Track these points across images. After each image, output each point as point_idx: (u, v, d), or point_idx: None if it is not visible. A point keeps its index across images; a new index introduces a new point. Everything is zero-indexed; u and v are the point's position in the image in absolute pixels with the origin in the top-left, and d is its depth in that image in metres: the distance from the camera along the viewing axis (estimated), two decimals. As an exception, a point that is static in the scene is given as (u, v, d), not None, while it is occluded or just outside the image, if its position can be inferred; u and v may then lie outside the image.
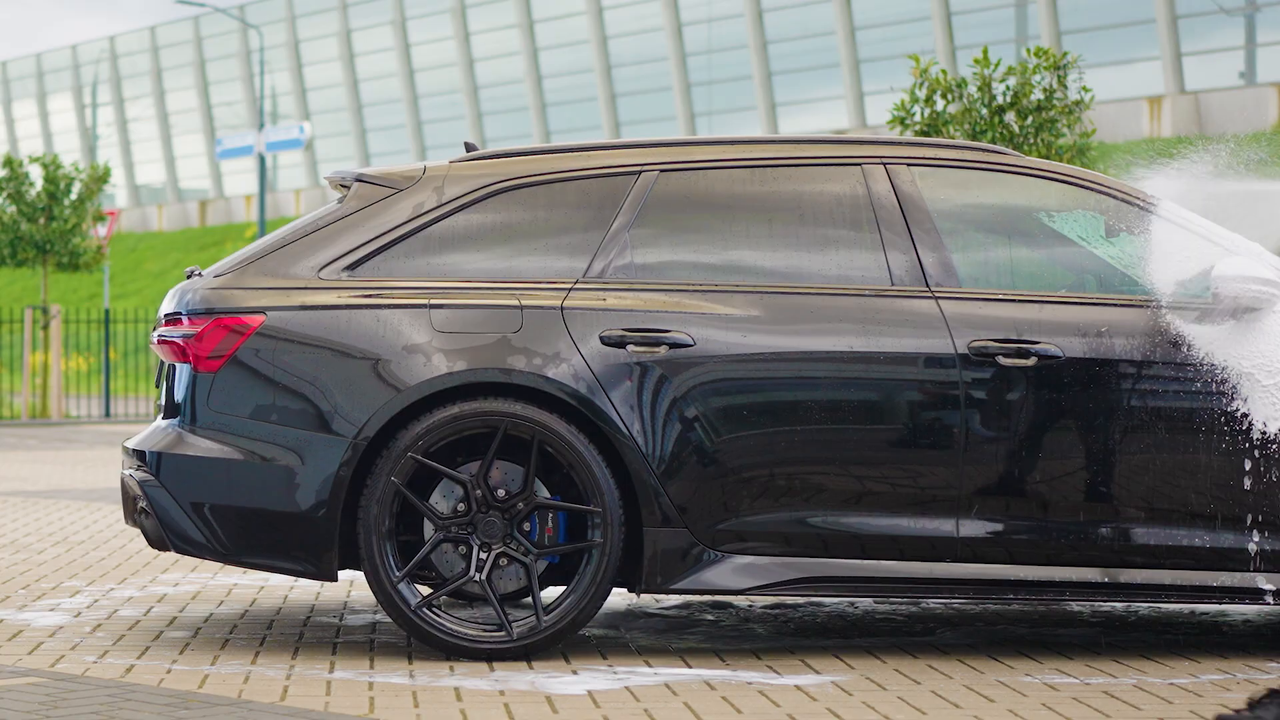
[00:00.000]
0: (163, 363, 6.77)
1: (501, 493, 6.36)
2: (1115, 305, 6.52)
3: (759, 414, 6.35)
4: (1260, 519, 6.43)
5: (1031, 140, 18.40)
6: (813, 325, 6.41)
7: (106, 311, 31.59)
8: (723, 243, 6.55)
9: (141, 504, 6.50)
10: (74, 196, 29.89)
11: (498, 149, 6.84)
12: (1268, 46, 40.63)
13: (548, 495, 6.42)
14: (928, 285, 6.48)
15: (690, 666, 6.25)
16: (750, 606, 7.68)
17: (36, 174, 30.23)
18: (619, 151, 6.72)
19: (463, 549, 6.37)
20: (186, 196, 64.89)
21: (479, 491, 6.33)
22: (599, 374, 6.32)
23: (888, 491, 6.38)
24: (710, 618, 7.41)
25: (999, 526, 6.39)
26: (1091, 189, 6.71)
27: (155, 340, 6.63)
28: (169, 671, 6.09)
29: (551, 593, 7.22)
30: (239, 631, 6.96)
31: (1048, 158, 16.90)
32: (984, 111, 18.68)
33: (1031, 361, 6.40)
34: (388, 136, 58.34)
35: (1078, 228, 6.74)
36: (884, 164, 6.66)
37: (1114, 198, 6.69)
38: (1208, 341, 6.46)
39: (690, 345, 6.36)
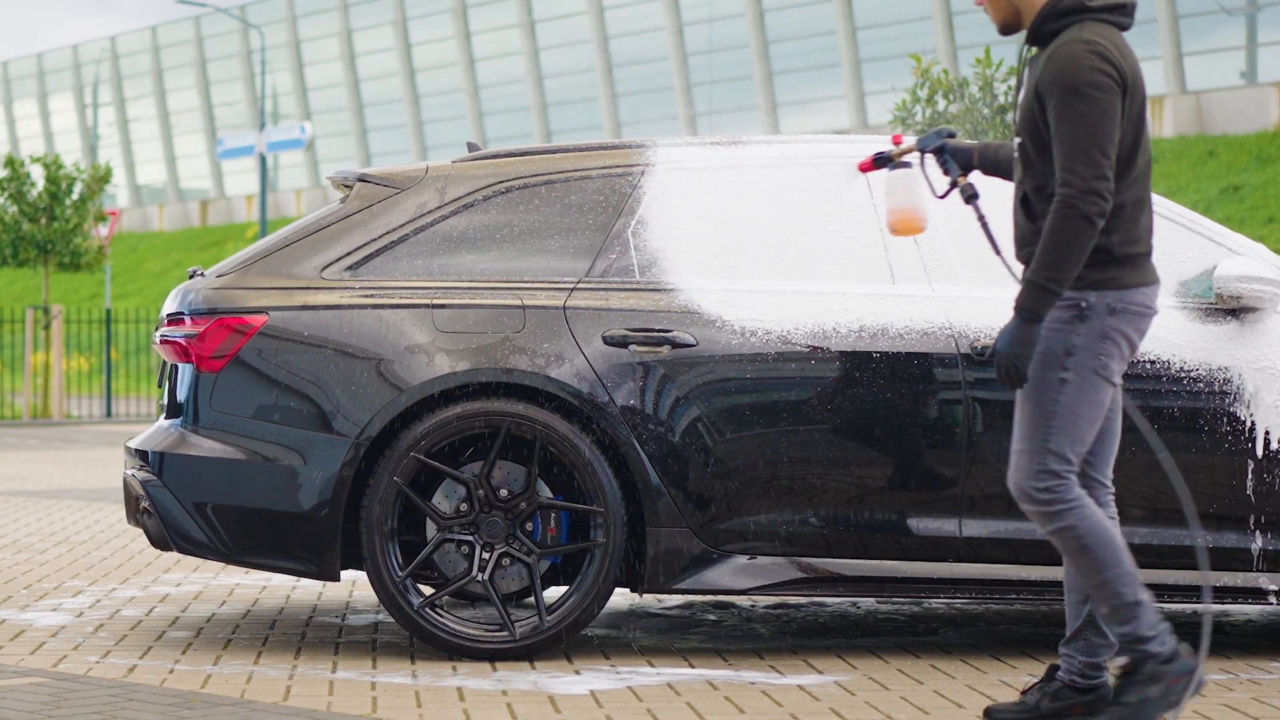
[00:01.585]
0: (165, 363, 6.77)
1: (504, 492, 6.36)
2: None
3: (761, 414, 6.35)
4: (1263, 520, 6.43)
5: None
6: (815, 325, 6.40)
7: (108, 311, 31.59)
8: (725, 243, 6.54)
9: (144, 504, 6.50)
10: (75, 196, 29.89)
11: (500, 149, 6.84)
12: (1269, 46, 40.63)
13: (550, 495, 6.42)
14: (930, 285, 6.48)
15: (693, 666, 6.25)
16: (753, 606, 7.68)
17: (38, 174, 30.25)
18: (621, 151, 6.72)
19: (465, 549, 6.37)
20: (187, 196, 64.91)
21: (481, 491, 6.33)
22: (601, 374, 6.32)
23: (890, 491, 6.37)
24: (713, 618, 7.41)
25: (1001, 526, 6.39)
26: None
27: (158, 340, 6.63)
28: (171, 671, 6.09)
29: (554, 593, 7.22)
30: (241, 631, 6.96)
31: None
32: (985, 111, 18.69)
33: (1034, 361, 6.39)
34: (389, 136, 58.35)
35: None
36: (886, 164, 6.65)
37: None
38: (1211, 342, 6.46)
39: (693, 345, 6.36)
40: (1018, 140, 5.09)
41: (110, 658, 6.36)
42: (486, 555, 6.35)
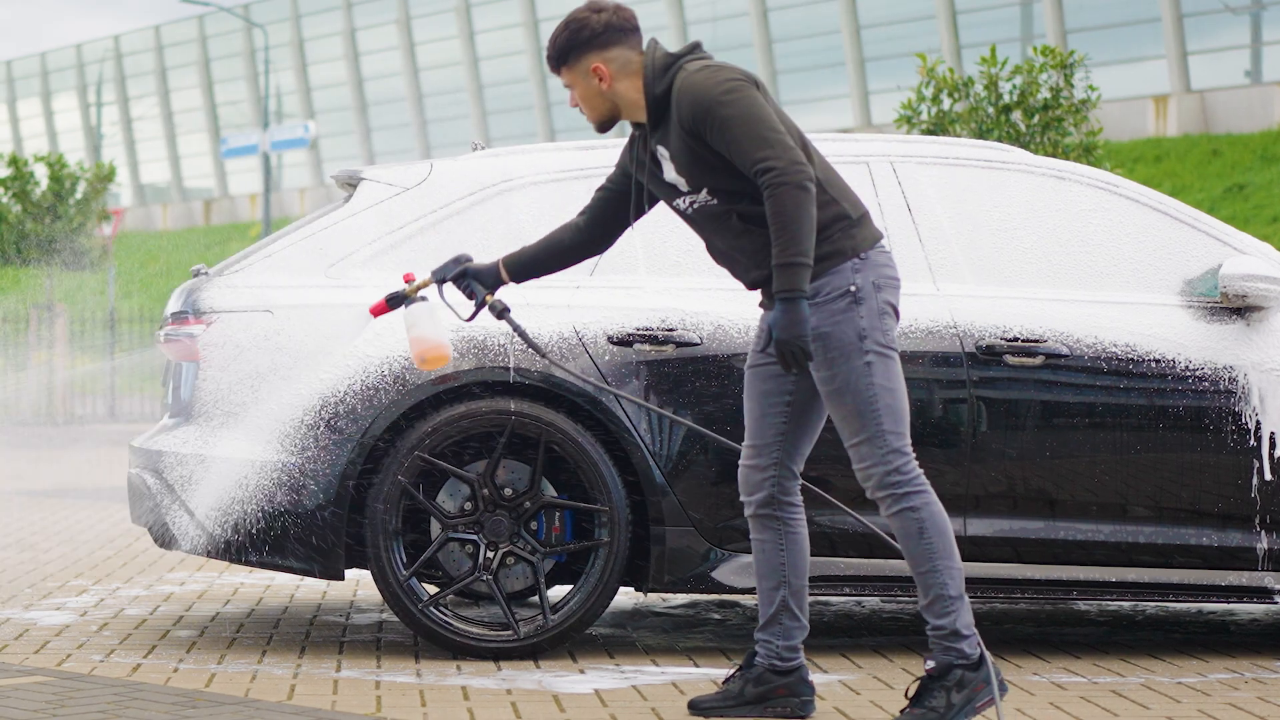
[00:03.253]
0: (169, 361, 6.77)
1: (508, 491, 6.35)
2: (1122, 305, 6.52)
3: (766, 413, 6.33)
4: (1269, 519, 6.43)
5: (1038, 139, 18.38)
6: (820, 324, 6.39)
7: (112, 310, 31.60)
8: (730, 241, 6.53)
9: (148, 502, 6.49)
10: (79, 195, 29.93)
11: (504, 147, 6.83)
12: (1273, 45, 40.60)
13: (554, 494, 6.42)
14: (935, 284, 6.47)
15: (698, 665, 6.24)
16: (757, 606, 7.67)
17: (42, 173, 30.29)
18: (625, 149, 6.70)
19: (469, 548, 6.37)
20: (191, 195, 64.92)
21: (486, 490, 6.33)
22: (606, 372, 6.31)
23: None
24: (717, 617, 7.40)
25: (1006, 525, 6.38)
26: (1099, 188, 6.70)
27: (162, 339, 6.62)
28: (176, 670, 6.09)
29: (558, 591, 7.21)
30: (245, 630, 6.96)
31: (1054, 157, 16.91)
32: (990, 110, 18.67)
33: (1038, 360, 6.39)
34: (392, 135, 58.34)
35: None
36: (891, 162, 6.65)
37: (1122, 196, 6.69)
38: (1216, 341, 6.46)
39: (697, 344, 6.36)
40: (703, 192, 5.24)
41: (114, 656, 6.36)
42: (491, 554, 6.34)
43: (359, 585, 8.26)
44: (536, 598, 6.47)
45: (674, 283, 6.46)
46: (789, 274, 5.00)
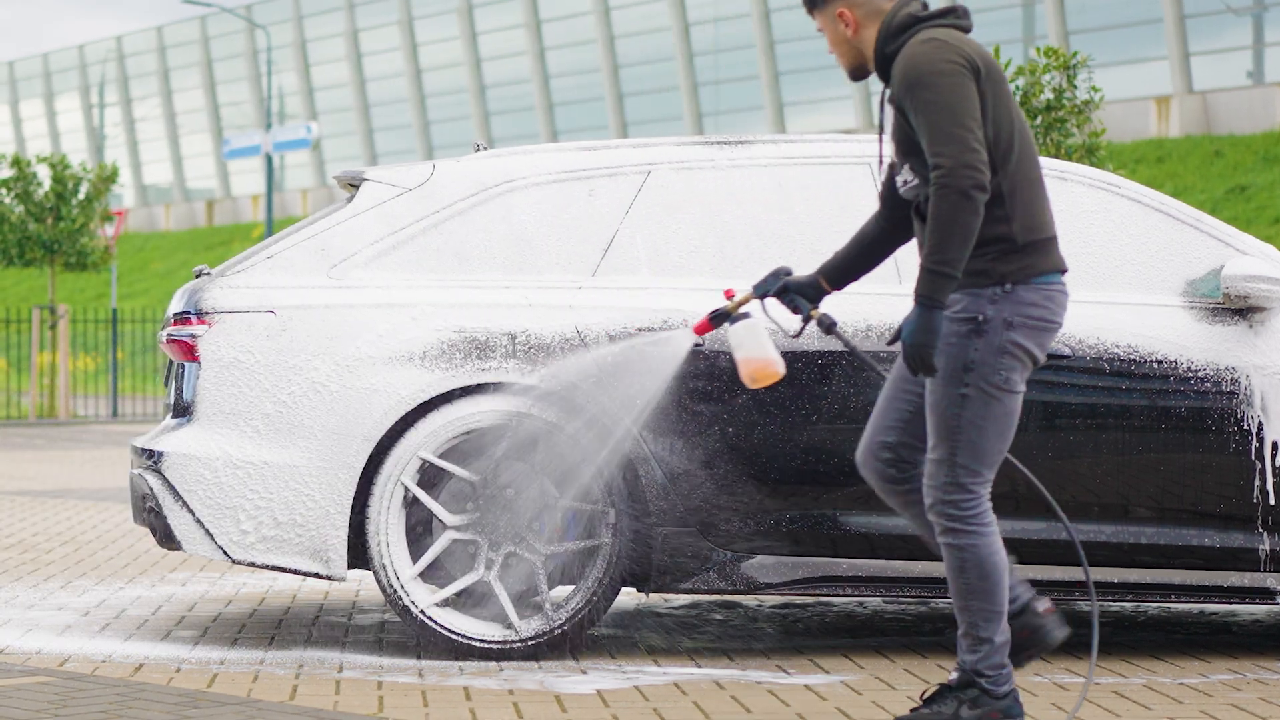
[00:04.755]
0: (171, 362, 6.77)
1: (510, 491, 6.35)
2: (1125, 305, 6.52)
3: (767, 413, 6.34)
4: (1271, 520, 6.42)
5: (1041, 140, 18.37)
6: (822, 324, 6.39)
7: (114, 311, 31.62)
8: (731, 242, 6.54)
9: (150, 503, 6.50)
10: (81, 196, 29.90)
11: (506, 148, 6.84)
12: (1276, 46, 40.60)
13: (557, 494, 6.41)
14: (937, 284, 6.46)
15: (699, 666, 6.25)
16: (759, 606, 7.68)
17: (44, 174, 30.24)
18: (627, 150, 6.71)
19: (472, 548, 6.37)
20: (193, 196, 64.93)
21: (488, 490, 6.32)
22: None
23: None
24: (719, 617, 7.40)
25: (1007, 525, 6.38)
26: (1102, 189, 6.70)
27: (164, 339, 6.63)
28: (178, 670, 6.09)
29: (560, 592, 7.21)
30: (247, 631, 6.96)
31: (1057, 157, 16.91)
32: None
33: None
34: (395, 136, 58.36)
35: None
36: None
37: (1124, 197, 6.68)
38: (1218, 342, 6.45)
39: (700, 345, 6.35)
40: (906, 168, 5.07)
41: (116, 657, 6.36)
42: (493, 554, 6.34)
43: (361, 586, 8.26)
44: (539, 598, 6.46)
45: (676, 283, 6.47)
46: (930, 281, 4.82)
